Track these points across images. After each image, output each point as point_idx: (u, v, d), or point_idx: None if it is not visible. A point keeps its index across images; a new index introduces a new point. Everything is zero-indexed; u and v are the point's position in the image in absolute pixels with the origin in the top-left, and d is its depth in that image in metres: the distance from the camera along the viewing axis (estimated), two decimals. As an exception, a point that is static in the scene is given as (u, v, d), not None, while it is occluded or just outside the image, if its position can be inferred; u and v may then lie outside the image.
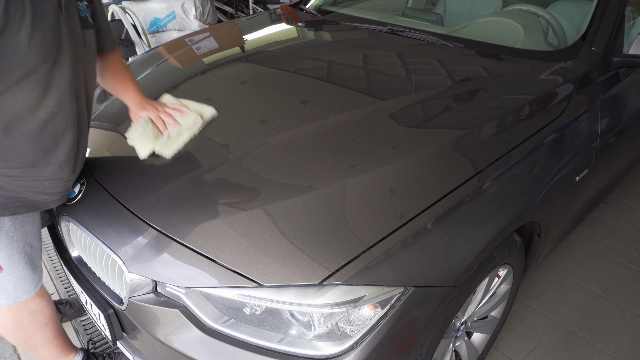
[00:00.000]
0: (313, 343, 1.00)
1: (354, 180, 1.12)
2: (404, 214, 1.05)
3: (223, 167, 1.20)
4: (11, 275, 1.22)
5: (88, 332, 1.86)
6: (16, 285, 1.24)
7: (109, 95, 1.70)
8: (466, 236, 1.11)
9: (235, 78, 1.66)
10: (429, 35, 1.81)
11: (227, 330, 1.02)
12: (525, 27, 1.76)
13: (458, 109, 1.36)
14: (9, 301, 1.25)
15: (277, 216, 1.05)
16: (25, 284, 1.26)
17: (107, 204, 1.19)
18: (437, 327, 1.14)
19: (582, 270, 2.19)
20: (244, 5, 6.01)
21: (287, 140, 1.27)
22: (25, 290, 1.27)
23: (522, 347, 1.81)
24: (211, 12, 4.36)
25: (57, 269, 2.21)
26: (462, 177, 1.16)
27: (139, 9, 3.91)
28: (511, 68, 1.56)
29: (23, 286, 1.26)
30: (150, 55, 2.05)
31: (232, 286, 0.98)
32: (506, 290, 1.57)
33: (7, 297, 1.25)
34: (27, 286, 1.27)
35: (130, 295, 1.09)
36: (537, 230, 1.50)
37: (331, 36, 1.99)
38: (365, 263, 0.98)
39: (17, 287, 1.25)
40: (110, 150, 1.37)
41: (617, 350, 1.80)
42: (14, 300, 1.26)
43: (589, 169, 1.57)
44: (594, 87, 1.58)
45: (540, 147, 1.33)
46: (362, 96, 1.44)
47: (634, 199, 2.68)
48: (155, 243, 1.07)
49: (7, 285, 1.23)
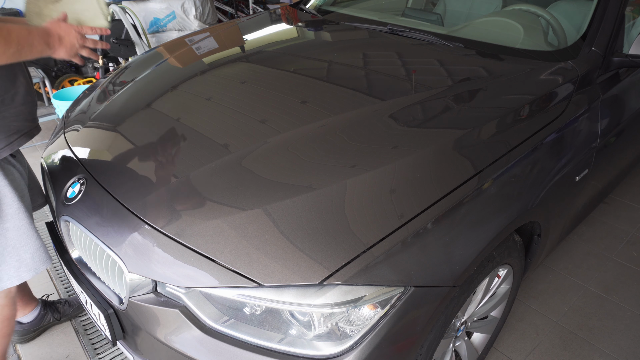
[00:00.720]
0: (313, 343, 1.00)
1: (354, 180, 1.12)
2: (404, 214, 1.05)
3: (223, 167, 1.20)
4: (26, 246, 1.24)
5: (88, 332, 1.86)
6: (33, 256, 1.26)
7: (109, 95, 1.70)
8: (466, 236, 1.11)
9: (235, 78, 1.66)
10: (429, 35, 1.81)
11: (227, 330, 1.02)
12: (525, 27, 1.76)
13: (458, 109, 1.36)
14: (30, 273, 1.27)
15: (277, 216, 1.05)
16: (41, 253, 1.28)
17: (107, 204, 1.19)
18: (437, 327, 1.14)
19: (582, 270, 2.19)
20: (244, 5, 6.01)
21: (287, 140, 1.27)
22: (42, 260, 1.29)
23: (522, 347, 1.81)
24: (211, 12, 4.36)
25: (57, 269, 2.21)
26: (462, 177, 1.16)
27: (139, 9, 3.91)
28: (511, 68, 1.56)
29: (40, 256, 1.28)
30: (150, 55, 2.05)
31: (232, 286, 0.98)
32: (506, 290, 1.57)
33: (27, 269, 1.26)
34: (43, 256, 1.29)
35: (130, 295, 1.09)
36: (537, 230, 1.50)
37: (331, 36, 1.99)
38: (365, 263, 0.98)
39: (35, 258, 1.26)
40: (110, 150, 1.37)
41: (617, 350, 1.80)
42: (35, 271, 1.28)
43: (589, 169, 1.57)
44: (594, 87, 1.58)
45: (540, 147, 1.33)
46: (362, 96, 1.44)
47: (634, 199, 2.68)
48: (155, 243, 1.07)
49: (24, 257, 1.25)
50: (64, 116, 1.73)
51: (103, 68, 3.81)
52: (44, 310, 1.80)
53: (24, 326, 1.75)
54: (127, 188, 1.21)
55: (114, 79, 1.89)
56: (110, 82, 1.86)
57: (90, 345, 1.81)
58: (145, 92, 1.66)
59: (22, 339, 1.77)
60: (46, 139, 3.56)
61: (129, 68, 1.97)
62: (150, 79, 1.77)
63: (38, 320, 1.77)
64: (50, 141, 1.61)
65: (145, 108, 1.54)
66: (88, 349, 1.79)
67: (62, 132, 1.58)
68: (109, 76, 1.98)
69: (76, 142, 1.47)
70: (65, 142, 1.50)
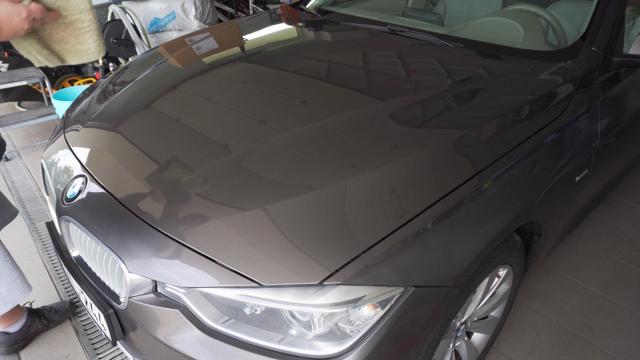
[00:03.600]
0: (313, 343, 1.00)
1: (354, 180, 1.12)
2: (404, 214, 1.05)
3: (223, 167, 1.20)
4: (1, 279, 1.20)
5: (88, 332, 1.86)
6: (10, 288, 1.23)
7: (109, 95, 1.70)
8: (466, 236, 1.11)
9: (235, 78, 1.66)
10: (429, 35, 1.82)
11: (227, 330, 1.02)
12: (525, 27, 1.76)
13: (458, 109, 1.36)
14: (7, 307, 1.24)
15: (277, 216, 1.05)
16: (18, 284, 1.24)
17: (107, 204, 1.19)
18: (437, 327, 1.14)
19: (582, 270, 2.19)
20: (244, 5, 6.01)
21: (287, 140, 1.27)
22: (20, 291, 1.25)
23: (522, 347, 1.81)
24: (211, 12, 4.36)
25: (57, 269, 2.21)
26: (462, 177, 1.16)
27: (139, 9, 3.91)
28: (511, 68, 1.56)
29: (17, 287, 1.24)
30: (150, 55, 2.05)
31: (232, 286, 0.98)
32: (506, 290, 1.57)
33: (3, 302, 1.23)
34: (21, 286, 1.25)
35: (131, 295, 1.09)
36: (537, 230, 1.50)
37: (331, 36, 1.99)
38: (365, 263, 0.98)
39: (12, 290, 1.23)
40: (110, 150, 1.37)
41: (617, 350, 1.80)
42: (12, 303, 1.25)
43: (589, 169, 1.57)
44: (594, 87, 1.58)
45: (540, 147, 1.33)
46: (362, 96, 1.44)
47: (634, 199, 2.68)
48: (156, 243, 1.07)
49: (0, 291, 1.22)
50: (64, 116, 1.73)
51: (103, 68, 3.82)
52: (31, 318, 1.78)
53: (12, 336, 1.73)
54: (127, 188, 1.21)
55: (114, 79, 1.89)
56: (110, 82, 1.86)
57: (90, 345, 1.81)
58: (145, 92, 1.66)
59: (9, 349, 1.73)
60: (46, 139, 3.56)
61: (129, 68, 1.97)
62: (150, 79, 1.77)
63: (25, 329, 1.76)
64: (50, 141, 1.61)
65: (145, 108, 1.54)
66: (88, 349, 1.79)
67: (62, 132, 1.58)
68: (109, 76, 1.98)
69: (76, 142, 1.47)
70: (65, 142, 1.50)
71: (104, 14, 4.15)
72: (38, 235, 2.46)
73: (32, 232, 2.48)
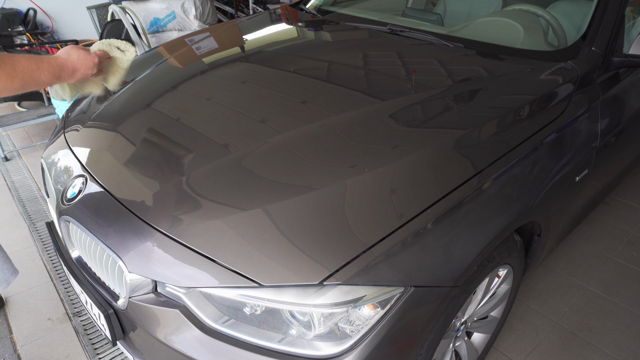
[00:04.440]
0: (313, 343, 1.00)
1: (354, 180, 1.12)
2: (404, 214, 1.05)
3: (223, 167, 1.20)
4: None
5: (88, 332, 1.86)
6: (2, 268, 1.27)
7: (109, 95, 1.70)
8: (466, 236, 1.11)
9: (235, 78, 1.66)
10: (429, 35, 1.81)
11: (227, 330, 1.02)
12: (525, 27, 1.76)
13: (458, 109, 1.36)
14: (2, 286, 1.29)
15: (277, 216, 1.05)
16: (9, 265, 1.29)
17: (107, 204, 1.19)
18: (437, 327, 1.14)
19: (582, 270, 2.19)
20: (244, 5, 6.01)
21: (287, 140, 1.27)
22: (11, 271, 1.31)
23: (522, 347, 1.81)
24: (211, 12, 4.36)
25: (57, 269, 2.21)
26: (462, 177, 1.16)
27: (139, 9, 3.91)
28: (511, 68, 1.56)
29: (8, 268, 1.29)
30: (150, 55, 2.05)
31: (232, 286, 0.98)
32: (506, 290, 1.57)
33: None
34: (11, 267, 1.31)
35: (131, 295, 1.09)
36: (537, 230, 1.50)
37: (331, 36, 1.99)
38: (365, 263, 0.98)
39: (4, 270, 1.28)
40: (110, 150, 1.37)
41: (617, 350, 1.80)
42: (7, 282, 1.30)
43: (589, 169, 1.57)
44: (594, 87, 1.58)
45: (540, 147, 1.33)
46: (362, 96, 1.44)
47: (634, 199, 2.68)
48: (156, 243, 1.07)
49: None
50: (64, 116, 1.73)
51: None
52: None
53: None
54: (127, 188, 1.21)
55: (114, 79, 1.89)
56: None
57: (90, 345, 1.81)
58: (145, 92, 1.66)
59: None
60: (46, 139, 3.56)
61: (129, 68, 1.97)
62: (150, 79, 1.77)
63: None
64: (50, 141, 1.61)
65: (145, 108, 1.54)
66: (88, 349, 1.79)
67: (62, 132, 1.58)
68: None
69: (76, 142, 1.47)
70: (65, 142, 1.50)
71: (104, 14, 4.15)
72: (38, 235, 2.46)
73: (32, 232, 2.48)
